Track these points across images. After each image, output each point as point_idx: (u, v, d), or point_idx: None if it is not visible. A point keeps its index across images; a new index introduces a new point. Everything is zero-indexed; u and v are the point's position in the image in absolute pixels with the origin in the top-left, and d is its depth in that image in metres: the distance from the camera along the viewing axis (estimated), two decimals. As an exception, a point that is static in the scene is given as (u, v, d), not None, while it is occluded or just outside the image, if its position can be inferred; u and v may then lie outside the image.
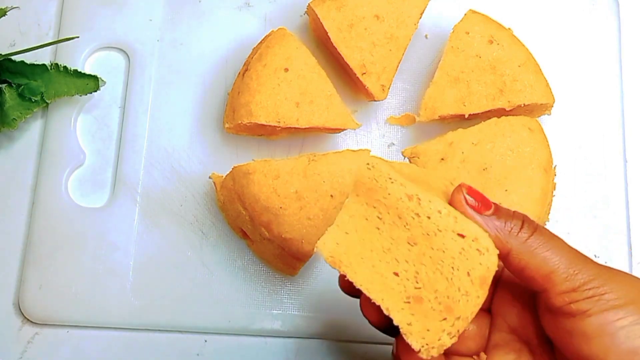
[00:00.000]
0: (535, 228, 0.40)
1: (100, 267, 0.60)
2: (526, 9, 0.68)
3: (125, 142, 0.63)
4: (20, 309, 0.60)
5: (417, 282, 0.39)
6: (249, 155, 0.63)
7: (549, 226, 0.61)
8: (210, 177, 0.61)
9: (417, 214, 0.40)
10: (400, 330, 0.38)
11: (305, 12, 0.62)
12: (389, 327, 0.41)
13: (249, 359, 0.60)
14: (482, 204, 0.41)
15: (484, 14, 0.62)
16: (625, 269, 0.61)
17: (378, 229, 0.41)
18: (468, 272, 0.38)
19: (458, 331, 0.38)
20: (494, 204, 0.41)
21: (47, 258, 0.60)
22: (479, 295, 0.38)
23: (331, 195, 0.56)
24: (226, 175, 0.59)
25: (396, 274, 0.40)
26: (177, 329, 0.60)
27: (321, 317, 0.60)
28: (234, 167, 0.58)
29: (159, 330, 0.60)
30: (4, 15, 0.61)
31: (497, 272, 0.39)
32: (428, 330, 0.38)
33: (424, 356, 0.38)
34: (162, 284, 0.60)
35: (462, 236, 0.39)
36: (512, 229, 0.40)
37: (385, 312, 0.39)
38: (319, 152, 0.59)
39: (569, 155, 0.64)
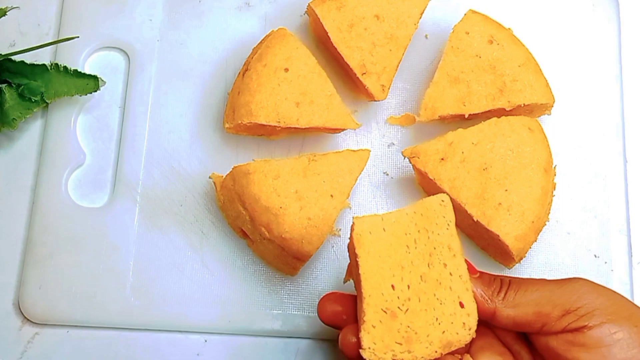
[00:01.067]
0: (509, 283, 0.46)
1: (100, 267, 0.60)
2: (526, 9, 0.68)
3: (125, 142, 0.63)
4: (20, 309, 0.60)
5: (403, 305, 0.44)
6: (249, 155, 0.63)
7: (549, 226, 0.61)
8: (210, 177, 0.61)
9: (445, 265, 0.45)
10: (361, 324, 0.44)
11: (305, 12, 0.62)
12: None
13: (249, 359, 0.60)
14: (469, 270, 0.46)
15: (484, 14, 0.62)
16: (625, 269, 0.62)
17: (408, 247, 0.45)
18: (444, 331, 0.44)
19: (402, 359, 0.44)
20: (479, 271, 0.47)
21: (47, 258, 0.60)
22: (437, 351, 0.44)
23: (331, 195, 0.56)
24: (226, 175, 0.59)
25: (393, 287, 0.44)
26: (177, 329, 0.60)
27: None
28: (234, 167, 0.58)
29: (159, 330, 0.60)
30: (4, 15, 0.61)
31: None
32: (382, 341, 0.43)
33: (365, 355, 0.43)
34: (162, 284, 0.60)
35: (462, 305, 0.44)
36: (492, 291, 0.46)
37: (363, 304, 0.43)
38: (319, 152, 0.59)
39: (569, 155, 0.64)
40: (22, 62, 0.61)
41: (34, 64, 0.61)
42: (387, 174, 0.63)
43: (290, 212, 0.55)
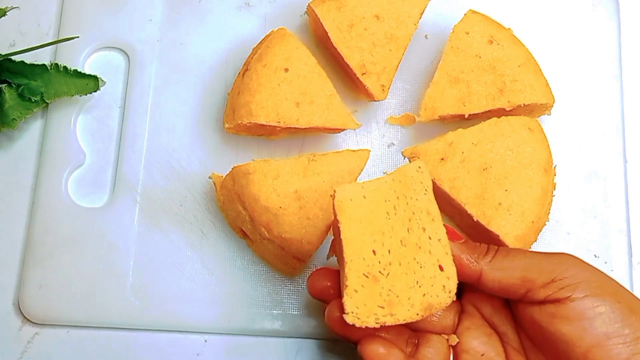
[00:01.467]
0: (497, 250, 0.47)
1: (100, 267, 0.60)
2: (526, 9, 0.68)
3: (125, 142, 0.63)
4: (20, 309, 0.60)
5: (384, 269, 0.44)
6: (249, 155, 0.63)
7: (549, 226, 0.61)
8: (210, 177, 0.61)
9: (424, 229, 0.46)
10: (344, 289, 0.43)
11: (305, 12, 0.62)
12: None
13: (249, 359, 0.60)
14: (453, 236, 0.48)
15: (483, 14, 0.62)
16: (625, 269, 0.62)
17: (387, 214, 0.45)
18: (424, 294, 0.45)
19: (384, 323, 0.43)
20: (465, 238, 0.49)
21: (47, 258, 0.60)
22: (419, 314, 0.44)
23: (331, 195, 0.56)
24: (226, 175, 0.59)
25: (374, 252, 0.44)
26: (177, 329, 0.60)
27: (321, 317, 0.60)
28: (234, 167, 0.58)
29: (159, 330, 0.60)
30: (4, 15, 0.61)
31: (475, 274, 0.47)
32: (365, 305, 0.43)
33: (348, 319, 0.43)
34: (162, 284, 0.60)
35: (441, 269, 0.45)
36: (478, 254, 0.47)
37: (345, 269, 0.43)
38: (319, 152, 0.59)
39: (569, 155, 0.64)
40: (22, 62, 0.61)
41: (34, 64, 0.61)
42: (387, 174, 0.63)
43: (290, 212, 0.55)
